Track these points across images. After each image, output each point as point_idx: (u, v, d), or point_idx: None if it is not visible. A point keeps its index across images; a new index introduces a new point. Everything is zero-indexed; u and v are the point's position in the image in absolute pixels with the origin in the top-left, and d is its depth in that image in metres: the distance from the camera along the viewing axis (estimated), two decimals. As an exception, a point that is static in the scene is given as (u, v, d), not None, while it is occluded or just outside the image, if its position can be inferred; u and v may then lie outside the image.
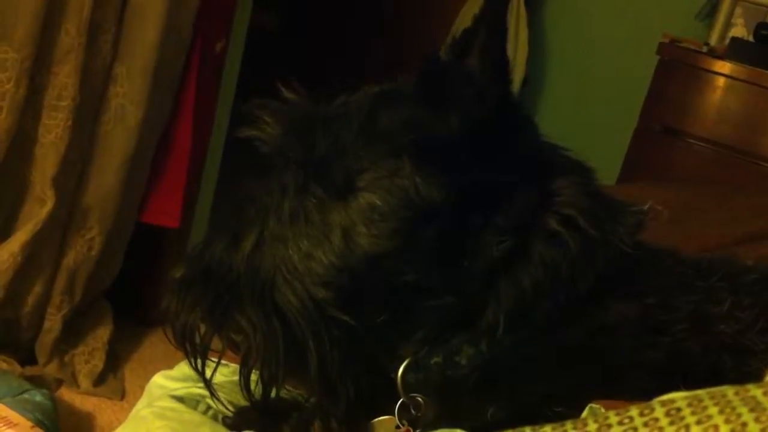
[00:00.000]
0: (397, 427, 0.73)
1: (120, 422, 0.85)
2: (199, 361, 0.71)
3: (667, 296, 0.72)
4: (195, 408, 0.80)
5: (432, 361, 0.71)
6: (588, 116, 3.03)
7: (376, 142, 0.68)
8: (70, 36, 1.68)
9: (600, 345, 0.71)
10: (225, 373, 0.85)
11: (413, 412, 0.73)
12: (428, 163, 0.67)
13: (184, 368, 0.92)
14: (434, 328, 0.71)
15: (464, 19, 3.03)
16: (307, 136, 0.69)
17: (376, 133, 0.69)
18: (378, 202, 0.67)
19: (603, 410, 0.59)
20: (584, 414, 0.60)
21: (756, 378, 0.57)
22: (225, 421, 0.78)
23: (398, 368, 0.72)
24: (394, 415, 0.73)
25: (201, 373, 0.73)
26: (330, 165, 0.68)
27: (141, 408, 0.87)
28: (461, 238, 0.68)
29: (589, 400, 0.63)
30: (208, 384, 0.74)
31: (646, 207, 0.76)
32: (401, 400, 0.72)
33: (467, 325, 0.70)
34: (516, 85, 2.80)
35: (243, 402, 0.79)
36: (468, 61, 0.68)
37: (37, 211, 1.74)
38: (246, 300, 0.68)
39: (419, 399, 0.72)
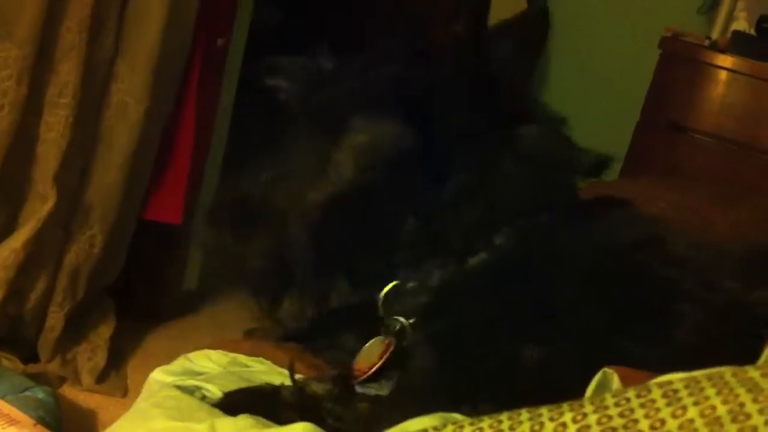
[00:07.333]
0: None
1: (123, 419, 0.85)
2: None
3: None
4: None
5: (408, 286, 0.78)
6: (591, 111, 3.00)
7: (368, 92, 0.79)
8: (72, 33, 1.68)
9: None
10: (222, 363, 0.85)
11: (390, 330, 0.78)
12: (405, 112, 0.77)
13: (182, 362, 0.92)
14: (409, 251, 0.78)
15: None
16: (315, 88, 0.81)
17: (369, 85, 0.80)
18: (363, 141, 0.77)
19: (616, 377, 0.58)
20: (597, 377, 0.59)
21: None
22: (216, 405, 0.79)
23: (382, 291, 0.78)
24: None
25: None
26: (332, 111, 0.79)
27: (139, 402, 0.86)
28: (434, 173, 0.77)
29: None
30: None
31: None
32: (383, 321, 0.78)
33: (438, 250, 0.77)
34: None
35: None
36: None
37: (38, 208, 1.74)
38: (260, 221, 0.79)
39: (401, 320, 0.77)
